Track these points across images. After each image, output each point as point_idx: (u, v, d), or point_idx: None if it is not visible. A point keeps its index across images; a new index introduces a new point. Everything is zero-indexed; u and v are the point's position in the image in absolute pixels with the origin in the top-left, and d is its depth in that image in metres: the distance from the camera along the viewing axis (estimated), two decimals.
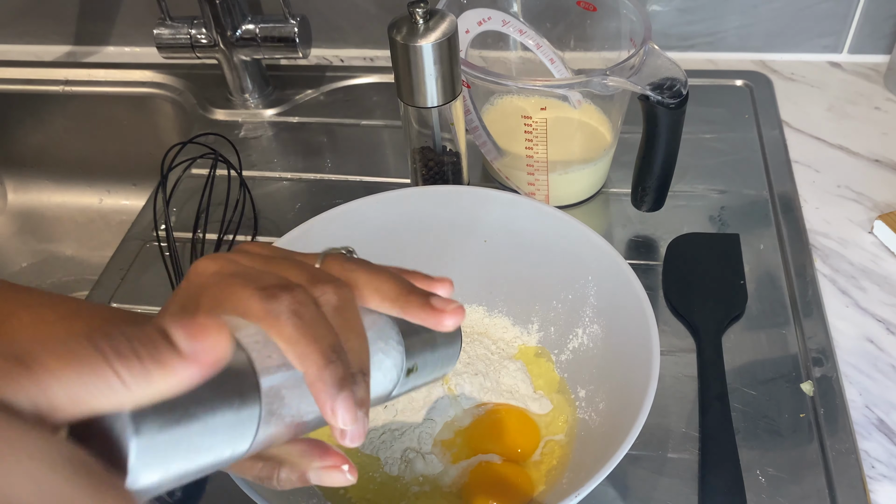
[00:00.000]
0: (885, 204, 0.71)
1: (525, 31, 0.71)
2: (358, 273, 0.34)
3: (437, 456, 0.53)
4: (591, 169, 0.71)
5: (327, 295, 0.31)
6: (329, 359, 0.29)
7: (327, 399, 0.29)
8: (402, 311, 0.34)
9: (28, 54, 0.97)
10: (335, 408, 0.29)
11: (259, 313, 0.29)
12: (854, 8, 0.83)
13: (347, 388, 0.29)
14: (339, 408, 0.29)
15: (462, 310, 0.34)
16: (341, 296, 0.31)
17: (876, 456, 0.54)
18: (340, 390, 0.29)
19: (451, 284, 0.37)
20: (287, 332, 0.29)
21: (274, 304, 0.29)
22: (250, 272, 0.32)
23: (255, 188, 0.76)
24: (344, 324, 0.31)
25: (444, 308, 0.34)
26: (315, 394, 0.29)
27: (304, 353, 0.29)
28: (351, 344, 0.31)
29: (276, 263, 0.33)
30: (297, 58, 0.83)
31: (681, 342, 0.61)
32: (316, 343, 0.29)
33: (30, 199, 1.01)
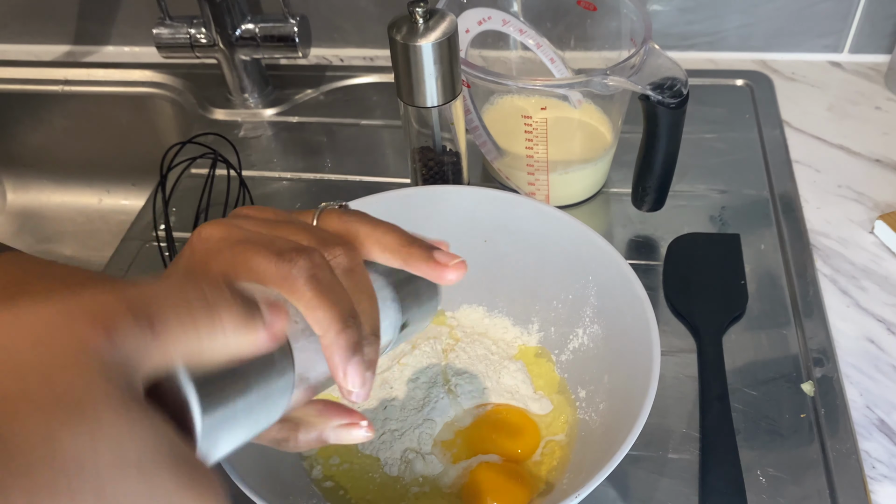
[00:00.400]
0: (886, 204, 0.71)
1: (525, 31, 0.71)
2: (358, 225, 0.34)
3: (437, 456, 0.52)
4: (591, 169, 0.71)
5: (339, 257, 0.32)
6: (346, 323, 0.30)
7: (340, 363, 0.30)
8: (404, 262, 0.34)
9: (28, 54, 0.97)
10: (347, 371, 0.30)
11: (277, 278, 0.30)
12: (854, 8, 0.83)
13: (359, 353, 0.30)
14: (351, 371, 0.30)
15: (464, 264, 0.35)
16: (351, 257, 0.32)
17: (877, 456, 0.54)
18: (354, 354, 0.30)
19: (464, 267, 0.37)
20: (307, 296, 0.29)
21: (292, 269, 0.29)
22: (259, 237, 0.32)
23: (254, 188, 0.76)
24: (355, 286, 0.31)
25: (447, 262, 0.34)
26: (329, 356, 0.30)
27: (323, 317, 0.29)
28: (363, 306, 0.31)
29: (281, 227, 0.33)
30: (296, 57, 0.82)
31: (681, 342, 0.61)
32: (333, 308, 0.30)
33: (30, 199, 1.01)
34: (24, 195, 1.01)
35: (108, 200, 0.99)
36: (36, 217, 1.00)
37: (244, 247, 0.31)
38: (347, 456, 0.53)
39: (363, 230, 0.34)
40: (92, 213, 0.99)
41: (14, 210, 1.01)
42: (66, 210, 1.00)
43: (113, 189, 0.99)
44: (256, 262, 0.30)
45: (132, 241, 0.74)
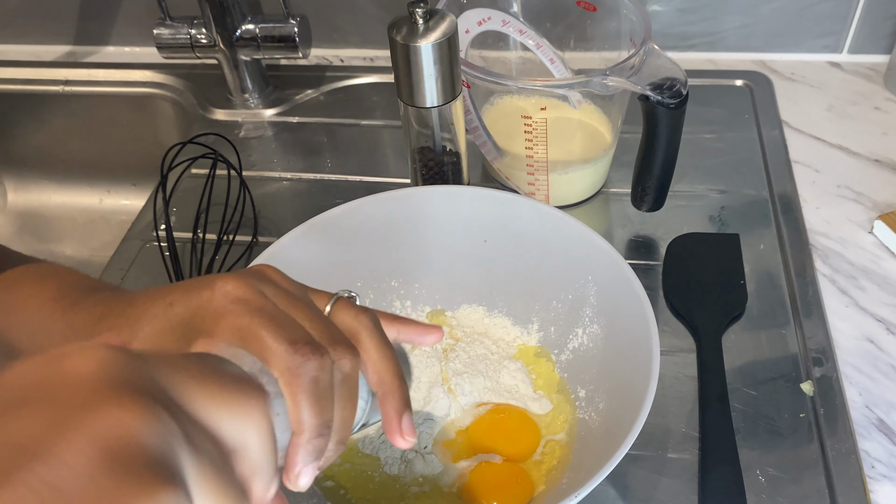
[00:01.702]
0: (885, 204, 0.71)
1: (525, 31, 0.71)
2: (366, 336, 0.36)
3: (437, 456, 0.53)
4: (591, 169, 0.71)
5: (343, 362, 0.33)
6: (321, 433, 0.31)
7: (300, 462, 0.31)
8: (382, 397, 0.36)
9: (28, 54, 0.97)
10: (302, 471, 0.31)
11: (282, 367, 0.31)
12: (854, 8, 0.83)
13: (318, 459, 0.32)
14: (305, 472, 0.32)
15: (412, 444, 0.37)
16: (352, 366, 0.33)
17: (876, 456, 0.54)
18: (314, 460, 0.32)
19: (442, 332, 0.41)
20: (300, 397, 0.31)
21: (301, 366, 0.31)
22: (275, 315, 0.32)
23: (255, 188, 0.76)
24: (345, 394, 0.33)
25: (406, 431, 0.36)
26: (292, 453, 0.31)
27: (305, 419, 0.31)
28: (343, 414, 0.33)
29: (298, 308, 0.34)
30: (297, 58, 0.83)
31: (681, 342, 0.61)
32: (317, 417, 0.31)
33: (30, 199, 1.01)
34: (24, 195, 1.01)
35: (109, 200, 0.99)
36: (36, 217, 1.00)
37: (261, 320, 0.32)
38: (348, 455, 0.53)
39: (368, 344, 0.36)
40: (92, 213, 0.99)
41: (14, 210, 1.01)
42: (66, 210, 1.00)
43: (113, 189, 0.99)
44: (269, 342, 0.31)
45: (133, 241, 0.74)
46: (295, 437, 0.31)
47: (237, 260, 0.69)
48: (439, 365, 0.58)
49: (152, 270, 0.70)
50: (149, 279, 0.69)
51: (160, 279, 0.68)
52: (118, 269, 0.71)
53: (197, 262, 0.69)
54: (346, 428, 0.34)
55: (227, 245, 0.70)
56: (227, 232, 0.71)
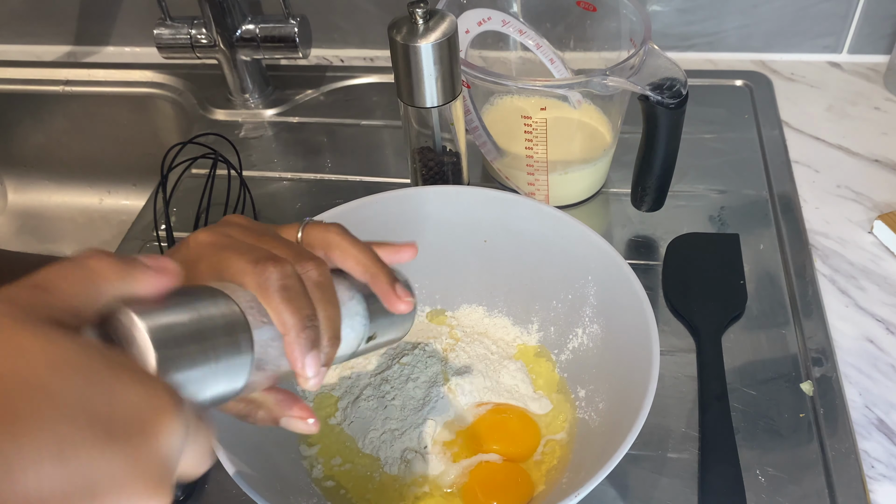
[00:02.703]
0: (885, 204, 0.71)
1: (525, 32, 0.71)
2: (338, 238, 0.41)
3: (437, 456, 0.53)
4: (590, 169, 0.71)
5: (310, 272, 0.37)
6: (304, 325, 0.35)
7: (299, 357, 0.35)
8: (371, 279, 0.41)
9: (28, 54, 0.97)
10: (304, 364, 0.35)
11: (252, 283, 0.35)
12: (854, 8, 0.83)
13: (316, 350, 0.35)
14: (308, 364, 0.35)
15: (413, 303, 0.42)
16: (320, 272, 0.37)
17: (876, 456, 0.54)
18: (310, 350, 0.35)
19: (416, 248, 0.44)
20: (275, 301, 0.34)
21: (266, 277, 0.35)
22: (243, 246, 0.37)
23: (255, 188, 0.76)
24: (322, 296, 0.37)
25: (402, 294, 0.41)
26: (289, 352, 0.35)
27: (286, 320, 0.35)
28: (327, 313, 0.37)
29: (262, 239, 0.38)
30: (297, 58, 0.83)
31: (681, 342, 0.61)
32: (296, 313, 0.35)
33: (30, 199, 1.01)
34: (24, 195, 1.01)
35: (109, 200, 0.99)
36: (37, 217, 1.00)
37: (228, 253, 0.36)
38: (348, 456, 0.53)
39: (342, 243, 0.41)
40: (93, 213, 0.99)
41: (15, 210, 1.01)
42: (66, 210, 1.00)
43: (114, 189, 0.99)
44: (237, 267, 0.35)
45: (133, 241, 0.74)
46: (285, 339, 0.35)
47: None
48: (439, 365, 0.58)
49: None
50: None
51: None
52: None
53: None
54: (332, 325, 0.37)
55: None
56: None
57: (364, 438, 0.54)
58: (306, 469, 0.53)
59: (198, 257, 0.37)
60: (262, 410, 0.39)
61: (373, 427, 0.54)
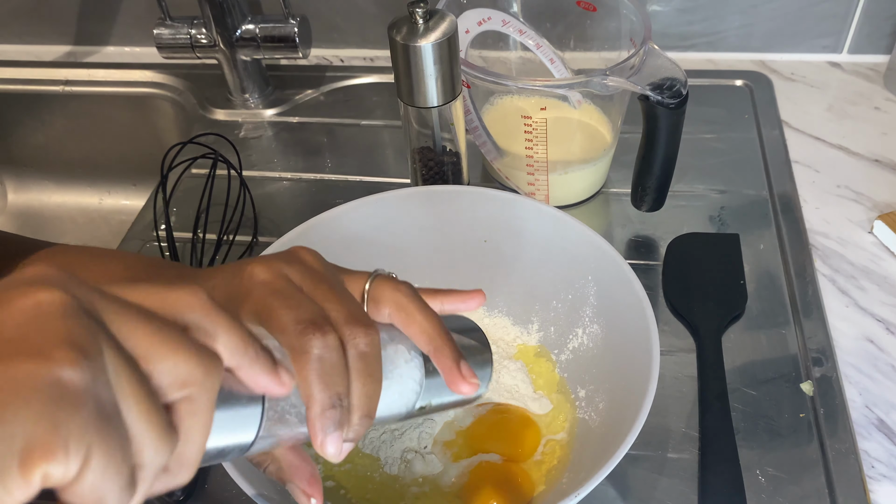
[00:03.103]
0: (885, 204, 0.71)
1: (525, 31, 0.71)
2: (407, 301, 0.38)
3: (438, 456, 0.53)
4: (590, 169, 0.71)
5: (357, 339, 0.34)
6: (331, 404, 0.33)
7: (318, 434, 0.33)
8: (434, 354, 0.38)
9: (28, 54, 0.97)
10: (324, 443, 0.33)
11: (289, 344, 0.33)
12: (854, 8, 0.83)
13: (339, 429, 0.33)
14: (328, 444, 0.33)
15: (476, 386, 0.38)
16: (369, 342, 0.35)
17: (876, 456, 0.54)
18: (333, 431, 0.33)
19: (483, 295, 0.42)
20: (305, 372, 0.32)
21: (305, 344, 0.32)
22: (294, 297, 0.34)
23: (255, 188, 0.76)
24: (364, 368, 0.34)
25: (467, 375, 0.38)
26: (310, 427, 0.33)
27: (313, 394, 0.32)
28: (365, 389, 0.34)
29: (320, 288, 0.36)
30: (297, 58, 0.83)
31: (681, 342, 0.61)
32: (325, 390, 0.33)
33: (30, 199, 1.01)
34: (24, 195, 1.01)
35: (109, 200, 0.99)
36: (36, 217, 1.00)
37: (276, 301, 0.34)
38: (348, 456, 0.53)
39: (409, 306, 0.38)
40: (92, 213, 0.99)
41: (15, 210, 1.01)
42: (66, 210, 1.00)
43: (113, 189, 0.99)
44: (279, 321, 0.33)
45: (133, 241, 0.74)
46: (307, 411, 0.33)
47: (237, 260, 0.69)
48: None
49: None
50: None
51: None
52: None
53: (197, 262, 0.69)
54: (368, 403, 0.35)
55: (227, 245, 0.70)
56: (227, 232, 0.71)
57: (364, 438, 0.54)
58: None
59: (247, 293, 0.35)
60: (274, 466, 0.38)
61: (373, 427, 0.54)
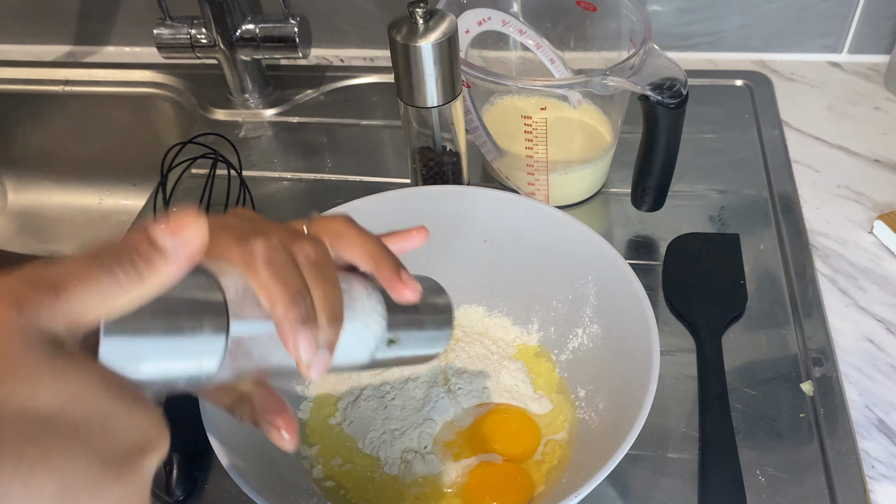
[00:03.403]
0: (885, 204, 0.71)
1: (525, 31, 0.71)
2: (344, 228, 0.39)
3: (438, 456, 0.53)
4: (591, 169, 0.71)
5: (305, 249, 0.35)
6: (294, 300, 0.32)
7: (290, 333, 0.32)
8: (375, 268, 0.38)
9: (28, 54, 0.97)
10: (297, 342, 0.32)
11: (236, 258, 0.33)
12: (854, 8, 0.83)
13: (308, 326, 0.33)
14: (301, 342, 0.32)
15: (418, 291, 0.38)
16: (317, 250, 0.35)
17: (876, 456, 0.54)
18: (302, 326, 0.32)
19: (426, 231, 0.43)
20: (260, 275, 0.33)
21: (250, 250, 0.33)
22: (234, 226, 0.35)
23: (255, 188, 0.76)
24: (318, 274, 0.35)
25: (407, 281, 0.38)
26: (280, 330, 0.32)
27: (273, 294, 0.32)
28: (325, 292, 0.34)
29: (258, 223, 0.36)
30: (297, 58, 0.83)
31: (681, 342, 0.61)
32: (284, 286, 0.32)
33: (30, 199, 1.01)
34: (24, 195, 1.01)
35: (109, 200, 0.99)
36: (36, 217, 1.00)
37: (216, 233, 0.34)
38: (348, 456, 0.53)
39: (347, 232, 0.39)
40: (92, 214, 0.99)
41: (14, 210, 1.01)
42: (66, 210, 1.00)
43: (113, 189, 0.99)
44: (223, 243, 0.34)
45: None
46: (273, 315, 0.32)
47: None
48: (439, 365, 0.58)
49: None
50: None
51: None
52: None
53: None
54: (332, 305, 0.34)
55: None
56: None
57: (364, 438, 0.54)
58: (306, 469, 0.53)
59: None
60: (245, 408, 0.37)
61: (373, 427, 0.54)
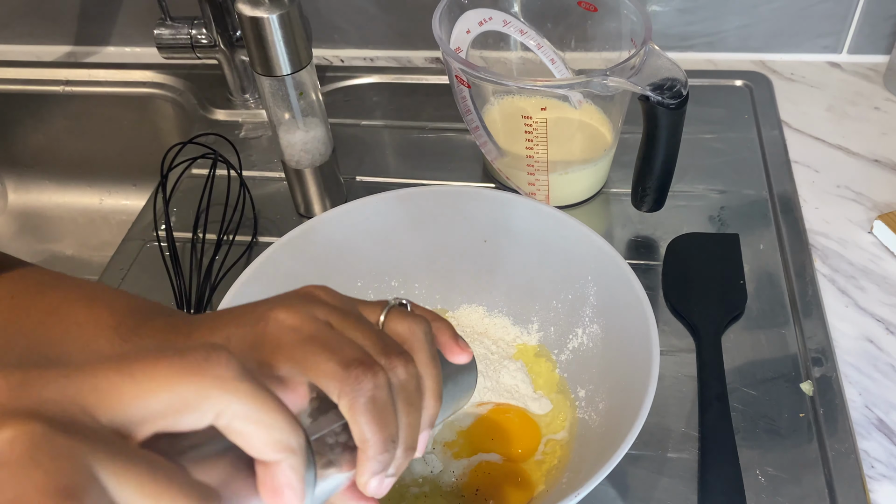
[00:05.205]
0: (885, 204, 0.71)
1: (526, 32, 0.71)
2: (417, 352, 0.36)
3: (438, 456, 0.53)
4: (591, 169, 0.71)
5: (398, 371, 0.34)
6: (386, 447, 0.32)
7: (366, 476, 0.32)
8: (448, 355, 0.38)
9: (28, 54, 0.97)
10: (369, 483, 0.32)
11: (338, 391, 0.31)
12: (854, 8, 0.83)
13: (384, 471, 0.32)
14: (373, 485, 0.32)
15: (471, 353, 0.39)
16: (409, 372, 0.34)
17: (875, 456, 0.54)
18: (380, 472, 0.32)
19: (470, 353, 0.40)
20: (361, 418, 0.31)
21: (355, 387, 0.31)
22: (329, 338, 0.33)
23: (254, 188, 0.76)
24: (405, 401, 0.34)
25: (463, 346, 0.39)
26: (360, 469, 0.32)
27: (368, 439, 0.32)
28: (408, 421, 0.34)
29: (349, 325, 0.34)
30: None
31: (680, 342, 0.61)
32: (380, 433, 0.32)
33: (30, 199, 1.01)
34: (25, 195, 1.01)
35: (109, 200, 0.99)
36: (37, 217, 1.00)
37: (315, 347, 0.32)
38: None
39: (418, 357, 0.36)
40: (93, 214, 0.99)
41: (15, 210, 1.01)
42: (66, 210, 1.00)
43: (114, 189, 0.99)
44: (325, 368, 0.32)
45: (133, 241, 0.74)
46: (361, 454, 0.32)
47: (237, 260, 0.69)
48: None
49: (152, 270, 0.70)
50: (149, 279, 0.69)
51: (160, 279, 0.68)
52: (118, 270, 0.71)
53: (197, 262, 0.69)
54: (412, 434, 0.34)
55: (227, 245, 0.70)
56: (227, 232, 0.71)
57: None
58: None
59: (276, 342, 0.33)
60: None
61: None
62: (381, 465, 0.32)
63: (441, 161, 0.79)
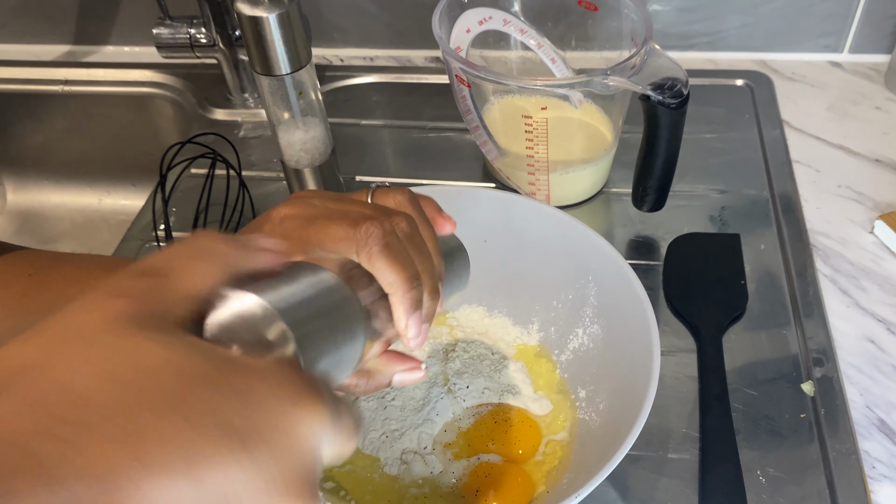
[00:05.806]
0: (886, 204, 0.71)
1: (526, 31, 0.71)
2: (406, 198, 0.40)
3: (438, 456, 0.52)
4: (591, 169, 0.71)
5: (400, 224, 0.36)
6: (412, 285, 0.35)
7: (404, 316, 0.35)
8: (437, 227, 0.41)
9: (28, 54, 0.97)
10: (409, 323, 0.35)
11: (354, 246, 0.34)
12: (854, 8, 0.83)
13: (420, 308, 0.36)
14: (412, 324, 0.35)
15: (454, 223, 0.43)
16: (410, 224, 0.37)
17: (876, 456, 0.54)
18: (415, 310, 0.35)
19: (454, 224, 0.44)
20: (380, 262, 0.34)
21: (368, 238, 0.34)
22: (333, 212, 0.36)
23: (254, 188, 0.76)
24: (416, 249, 0.37)
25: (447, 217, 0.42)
26: (395, 312, 0.35)
27: (394, 280, 0.35)
28: (425, 265, 0.37)
29: (346, 203, 0.38)
30: None
31: (681, 342, 0.61)
32: (402, 272, 0.35)
33: (29, 199, 1.01)
34: (24, 195, 1.01)
35: (108, 200, 0.99)
36: (36, 217, 1.00)
37: (322, 221, 0.36)
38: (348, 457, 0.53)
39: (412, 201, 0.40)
40: (92, 213, 0.99)
41: (14, 210, 1.01)
42: (66, 210, 1.00)
43: (113, 189, 0.99)
44: (336, 233, 0.35)
45: (132, 241, 0.74)
46: (392, 298, 0.35)
47: None
48: (439, 365, 0.57)
49: None
50: None
51: None
52: None
53: None
54: (432, 278, 0.37)
55: None
56: (226, 232, 0.71)
57: (364, 439, 0.53)
58: None
59: (284, 232, 0.36)
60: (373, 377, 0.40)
61: (373, 428, 0.54)
62: (413, 303, 0.35)
63: (441, 161, 0.79)
